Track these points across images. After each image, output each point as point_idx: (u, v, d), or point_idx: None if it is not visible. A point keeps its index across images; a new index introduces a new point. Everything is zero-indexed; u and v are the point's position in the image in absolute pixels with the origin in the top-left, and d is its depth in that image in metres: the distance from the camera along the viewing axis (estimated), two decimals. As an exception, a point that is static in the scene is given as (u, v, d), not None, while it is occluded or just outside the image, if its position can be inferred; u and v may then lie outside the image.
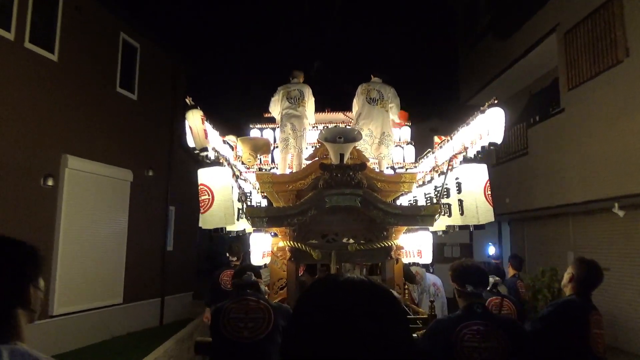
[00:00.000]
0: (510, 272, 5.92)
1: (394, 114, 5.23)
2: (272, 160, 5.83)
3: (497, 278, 3.56)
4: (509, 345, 2.23)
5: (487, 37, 11.90)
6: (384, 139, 5.10)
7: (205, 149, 3.16)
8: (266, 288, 3.11)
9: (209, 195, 3.12)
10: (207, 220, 3.13)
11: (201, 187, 3.14)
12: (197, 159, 3.32)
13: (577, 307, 2.78)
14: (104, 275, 8.61)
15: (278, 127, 5.69)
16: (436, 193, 3.87)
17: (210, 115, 3.41)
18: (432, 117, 14.75)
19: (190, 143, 3.26)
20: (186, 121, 3.16)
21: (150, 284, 9.96)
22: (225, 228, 3.31)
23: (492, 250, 9.34)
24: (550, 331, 2.76)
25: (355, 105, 5.25)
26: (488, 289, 3.37)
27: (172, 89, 11.20)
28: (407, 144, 6.22)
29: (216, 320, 2.91)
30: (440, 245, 12.66)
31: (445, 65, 16.75)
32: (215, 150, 3.38)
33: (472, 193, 3.39)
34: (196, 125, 3.11)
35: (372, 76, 5.36)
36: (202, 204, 3.12)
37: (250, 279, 3.03)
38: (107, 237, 8.80)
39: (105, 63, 9.14)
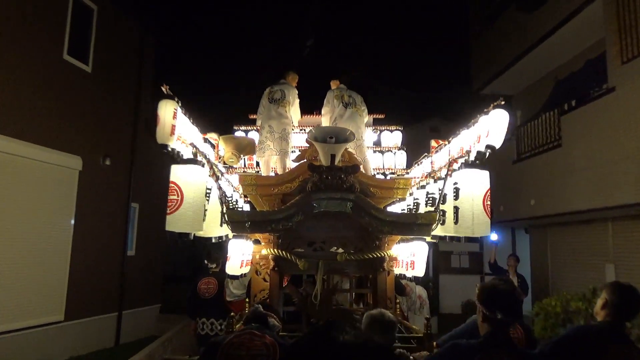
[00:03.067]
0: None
1: (365, 119, 5.20)
2: (257, 164, 5.54)
3: None
4: None
5: (508, 10, 10.08)
6: (362, 142, 5.03)
7: (166, 147, 2.84)
8: (275, 321, 2.78)
9: (177, 196, 2.79)
10: (173, 223, 2.81)
11: (171, 185, 2.82)
12: (170, 155, 2.99)
13: (597, 335, 2.43)
14: (39, 286, 6.98)
15: None
16: (427, 200, 3.59)
17: (183, 98, 3.07)
18: (433, 115, 13.68)
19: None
20: (158, 110, 2.83)
21: (103, 296, 8.36)
22: (192, 234, 2.98)
23: (494, 237, 8.32)
24: (561, 356, 2.46)
25: (328, 110, 5.12)
26: None
27: (139, 64, 9.57)
28: (399, 149, 5.99)
29: (211, 355, 2.55)
30: (446, 254, 11.61)
31: (454, 47, 14.94)
32: (194, 146, 3.06)
33: (470, 201, 3.09)
34: (165, 118, 2.80)
35: (333, 82, 5.26)
36: (170, 204, 2.80)
37: (257, 311, 2.77)
38: (45, 238, 7.13)
39: (48, 23, 7.42)
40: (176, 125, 2.90)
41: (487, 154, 3.08)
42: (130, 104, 9.43)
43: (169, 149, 2.91)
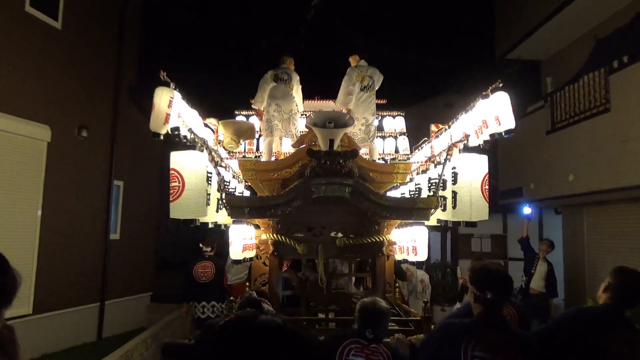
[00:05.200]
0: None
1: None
2: (257, 149, 5.54)
3: None
4: None
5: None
6: (374, 128, 5.06)
7: (158, 135, 2.86)
8: (268, 306, 2.84)
9: (179, 183, 2.83)
10: (176, 210, 2.86)
11: (172, 172, 2.85)
12: (175, 140, 3.01)
13: (597, 318, 2.39)
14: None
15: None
16: (429, 185, 3.59)
17: (181, 78, 3.06)
18: (448, 89, 12.58)
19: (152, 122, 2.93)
20: (154, 97, 2.83)
21: (82, 285, 7.38)
22: (197, 220, 3.01)
23: (527, 210, 7.76)
24: (556, 337, 2.45)
25: (346, 89, 5.02)
26: None
27: (120, 23, 8.43)
28: (401, 134, 5.98)
29: (208, 337, 2.59)
30: (466, 238, 10.58)
31: (475, 7, 12.95)
32: (192, 132, 3.06)
33: (468, 185, 3.11)
34: (160, 106, 2.80)
35: (353, 58, 5.15)
36: (172, 191, 2.84)
37: (251, 297, 2.82)
38: (6, 221, 6.22)
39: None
40: (171, 114, 2.90)
41: (506, 137, 3.05)
42: (111, 69, 8.27)
43: (161, 137, 2.91)
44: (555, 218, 9.81)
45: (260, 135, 5.37)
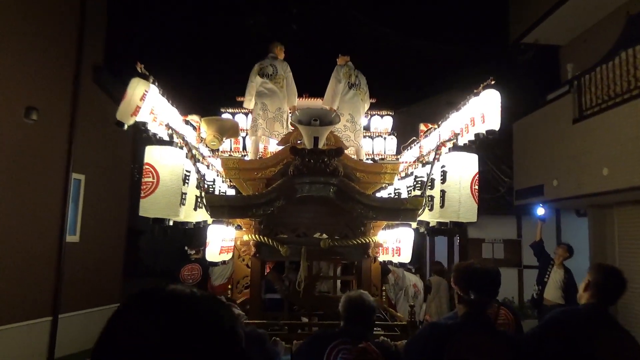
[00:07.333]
0: None
1: (366, 105, 5.15)
2: (244, 148, 5.41)
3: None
4: None
5: None
6: (361, 127, 4.99)
7: (122, 124, 2.69)
8: (238, 310, 2.68)
9: (153, 178, 2.68)
10: (147, 208, 2.71)
11: (146, 167, 2.71)
12: (145, 136, 2.85)
13: (585, 318, 2.32)
14: None
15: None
16: (416, 184, 3.48)
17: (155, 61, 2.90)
18: (450, 86, 11.51)
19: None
20: (127, 86, 2.68)
21: (29, 296, 6.04)
22: (168, 220, 2.86)
23: (541, 211, 6.96)
24: (545, 341, 2.37)
25: (333, 87, 4.93)
26: None
27: None
28: (389, 134, 5.90)
29: None
30: (476, 242, 9.52)
31: None
32: (169, 127, 2.92)
33: (457, 184, 3.01)
34: (132, 97, 2.64)
35: (342, 58, 5.07)
36: (144, 187, 2.69)
37: None
38: None
39: None
40: (142, 107, 2.74)
41: (489, 138, 2.97)
42: (71, 42, 6.97)
43: (125, 127, 2.75)
44: (576, 221, 8.82)
45: (246, 134, 5.24)
